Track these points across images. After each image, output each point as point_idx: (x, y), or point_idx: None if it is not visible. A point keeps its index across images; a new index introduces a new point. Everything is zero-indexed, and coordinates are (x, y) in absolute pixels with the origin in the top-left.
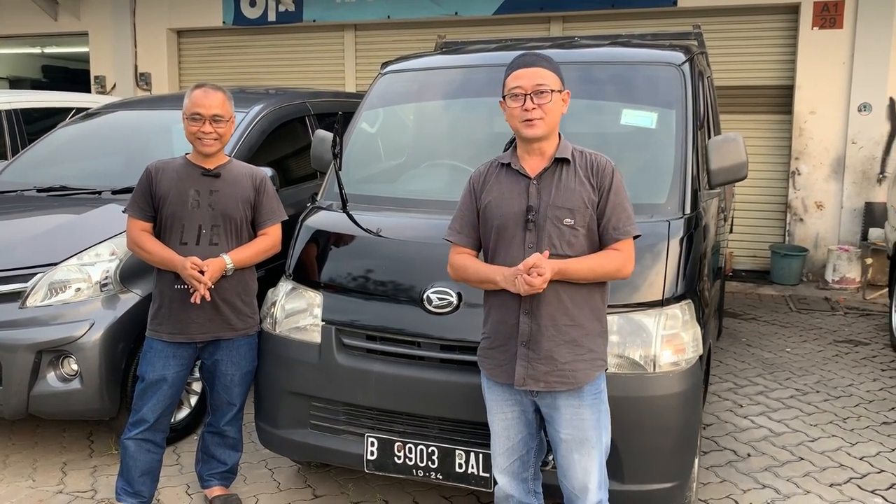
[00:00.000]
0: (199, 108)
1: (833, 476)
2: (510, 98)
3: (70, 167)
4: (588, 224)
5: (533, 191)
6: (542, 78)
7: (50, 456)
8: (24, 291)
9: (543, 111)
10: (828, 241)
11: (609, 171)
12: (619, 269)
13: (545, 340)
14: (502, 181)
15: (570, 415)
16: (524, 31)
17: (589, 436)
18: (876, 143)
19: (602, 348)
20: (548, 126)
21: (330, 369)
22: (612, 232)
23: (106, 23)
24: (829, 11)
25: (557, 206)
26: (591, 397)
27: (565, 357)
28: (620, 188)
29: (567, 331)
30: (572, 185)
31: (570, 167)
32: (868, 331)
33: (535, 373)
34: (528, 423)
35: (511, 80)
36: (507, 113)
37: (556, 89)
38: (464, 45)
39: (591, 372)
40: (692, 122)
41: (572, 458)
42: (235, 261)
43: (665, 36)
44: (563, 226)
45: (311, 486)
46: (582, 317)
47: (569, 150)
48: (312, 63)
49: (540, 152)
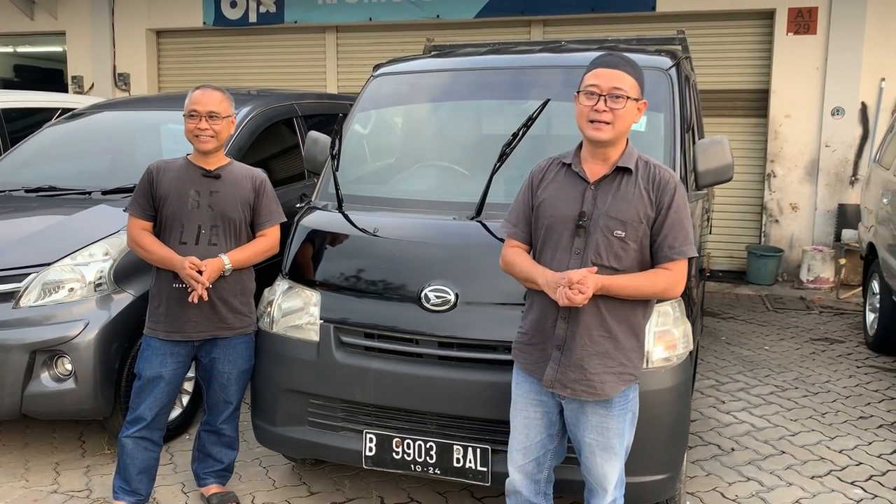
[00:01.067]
0: (196, 104)
1: (814, 469)
2: (584, 95)
3: (58, 167)
4: (640, 239)
5: (589, 196)
6: (621, 82)
7: (42, 456)
8: (18, 291)
9: (614, 115)
10: (802, 241)
11: (672, 187)
12: (666, 289)
13: (577, 348)
14: (560, 181)
15: (596, 422)
16: (505, 35)
17: (613, 443)
18: (849, 146)
19: (635, 363)
20: (615, 132)
21: (328, 367)
22: (667, 250)
23: (84, 22)
24: (803, 17)
25: (611, 216)
26: (619, 408)
27: (595, 368)
28: (682, 205)
29: (601, 342)
30: (630, 196)
31: (632, 178)
32: (842, 329)
33: (563, 378)
34: (550, 424)
35: (590, 76)
36: (578, 110)
37: (633, 97)
38: (453, 48)
39: (618, 385)
40: (680, 125)
41: (594, 461)
42: (234, 261)
43: (650, 41)
44: (612, 237)
45: (306, 484)
46: (618, 330)
47: (633, 159)
48: (294, 64)
49: (603, 157)
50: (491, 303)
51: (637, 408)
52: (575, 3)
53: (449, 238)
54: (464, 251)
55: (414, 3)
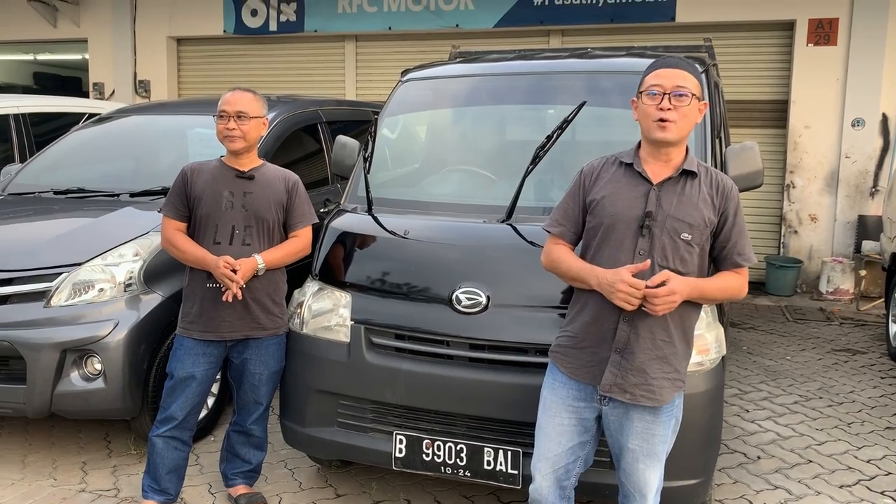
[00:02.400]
0: (225, 105)
1: (842, 478)
2: (646, 95)
3: (85, 170)
4: (703, 244)
5: (653, 197)
6: (683, 80)
7: (69, 456)
8: (49, 291)
9: (679, 114)
10: (822, 253)
11: (735, 194)
12: (739, 291)
13: (641, 352)
14: (619, 180)
15: (642, 428)
16: (524, 44)
17: (657, 450)
18: (869, 157)
19: (685, 369)
20: (680, 131)
21: (359, 368)
22: (736, 257)
23: (106, 30)
24: (823, 28)
25: (678, 218)
26: (666, 414)
27: (656, 373)
28: (742, 213)
29: (662, 346)
30: (695, 200)
31: (695, 181)
32: (864, 340)
33: (623, 383)
34: (584, 430)
35: (651, 77)
36: (640, 111)
37: (696, 95)
38: (479, 54)
39: (672, 392)
40: (710, 131)
41: (636, 467)
42: (267, 261)
43: (677, 48)
44: (679, 239)
45: (332, 486)
46: (677, 335)
47: (695, 163)
48: (313, 73)
49: (667, 159)
50: (522, 305)
51: (680, 414)
52: (594, 13)
53: (480, 240)
54: (495, 253)
55: (433, 12)
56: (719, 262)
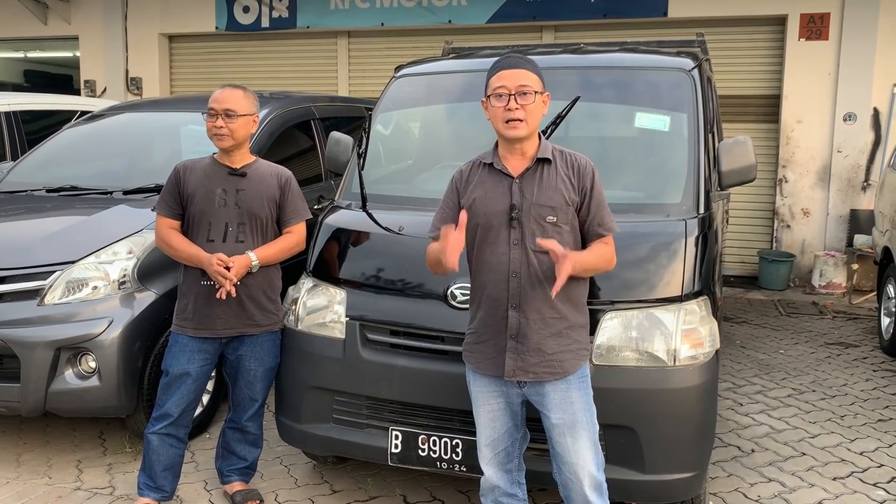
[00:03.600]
0: (214, 102)
1: (835, 470)
2: (494, 98)
3: (78, 168)
4: (570, 221)
5: (516, 189)
6: (525, 79)
7: (63, 454)
8: (43, 289)
9: (526, 112)
10: (814, 247)
11: (590, 171)
12: (611, 259)
13: (533, 333)
14: (486, 180)
15: (559, 399)
16: (517, 40)
17: (579, 418)
18: (861, 151)
19: (585, 338)
20: (529, 127)
21: (354, 364)
22: (597, 228)
23: (97, 27)
24: (815, 23)
25: (540, 204)
26: (578, 381)
27: (552, 348)
28: (600, 187)
29: (553, 323)
30: (554, 183)
31: (552, 166)
32: (857, 334)
33: (524, 364)
34: (514, 414)
35: (495, 80)
36: (490, 113)
37: (538, 91)
38: (472, 50)
39: (576, 361)
40: (703, 126)
41: (565, 443)
42: (261, 258)
43: (670, 43)
44: (545, 223)
45: (328, 482)
46: (566, 310)
47: (549, 150)
48: (305, 69)
49: (521, 152)
50: None
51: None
52: (587, 8)
53: None
54: None
55: (426, 8)
56: (585, 235)
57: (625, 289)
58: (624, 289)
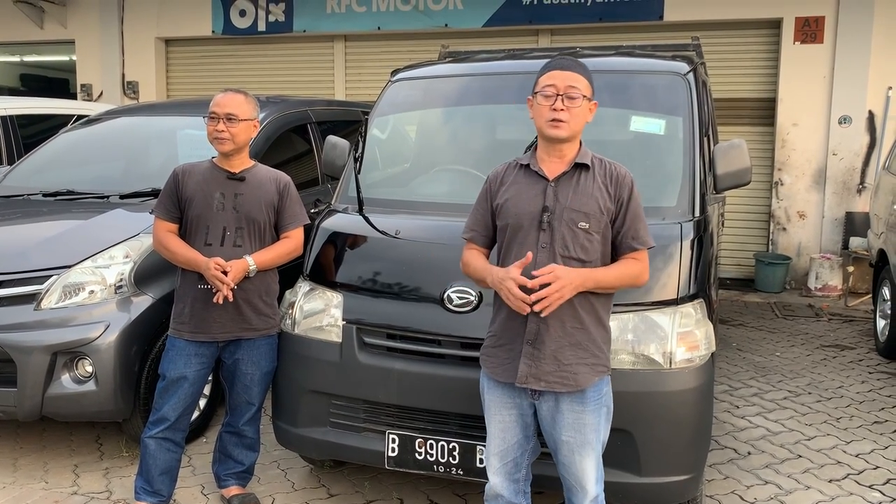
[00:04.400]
0: (215, 106)
1: (831, 472)
2: (541, 96)
3: (75, 172)
4: (603, 231)
5: (550, 192)
6: (575, 81)
7: (60, 458)
8: (39, 294)
9: (571, 114)
10: (810, 249)
11: (628, 182)
12: (638, 276)
13: (551, 340)
14: (520, 181)
15: (573, 419)
16: (513, 44)
17: (589, 439)
18: (856, 154)
19: (605, 354)
20: (572, 130)
21: (351, 367)
22: (630, 241)
23: (93, 31)
24: (810, 27)
25: (574, 209)
26: (594, 403)
27: (569, 359)
28: (638, 199)
29: (573, 333)
30: (590, 190)
31: (589, 173)
32: (852, 336)
33: (537, 371)
34: (526, 426)
35: (545, 78)
36: (535, 111)
37: (586, 96)
38: (469, 54)
39: (591, 377)
40: (698, 129)
41: (573, 459)
42: (258, 262)
43: (665, 47)
44: (577, 229)
45: (325, 486)
46: (588, 321)
47: (588, 156)
48: (302, 73)
49: (560, 155)
50: None
51: (611, 403)
52: (582, 12)
53: None
54: None
55: (422, 12)
56: (617, 247)
57: (621, 291)
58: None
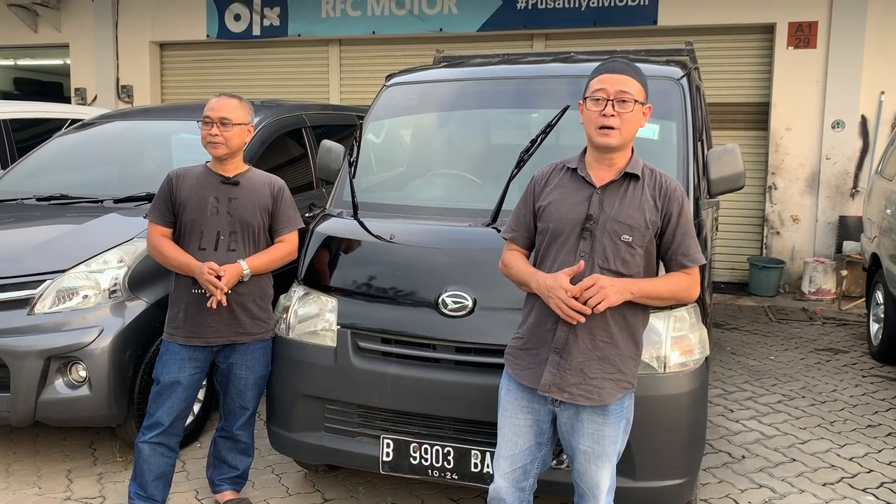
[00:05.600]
0: (209, 110)
1: (825, 476)
2: (591, 101)
3: (69, 176)
4: (646, 245)
5: (595, 200)
6: (627, 86)
7: (53, 464)
8: (33, 298)
9: (622, 120)
10: (804, 253)
11: (679, 196)
12: (687, 289)
13: (578, 352)
14: (565, 185)
15: (593, 430)
16: (507, 48)
17: (607, 451)
18: (849, 158)
19: (632, 371)
20: (623, 137)
21: (346, 372)
22: (681, 259)
23: (88, 35)
24: (803, 31)
25: (618, 220)
26: (615, 416)
27: (595, 373)
28: (688, 215)
29: (603, 347)
30: (637, 202)
31: (638, 184)
32: (846, 339)
33: (561, 382)
34: (540, 432)
35: (595, 82)
36: (584, 116)
37: (639, 100)
38: (463, 58)
39: (616, 392)
40: (692, 134)
41: (588, 468)
42: (252, 267)
43: (659, 52)
44: (619, 241)
45: (319, 491)
46: (620, 336)
47: (640, 166)
48: (297, 77)
49: (610, 163)
50: (508, 308)
51: (632, 415)
52: (577, 16)
53: (465, 244)
54: (480, 257)
55: (417, 16)
56: (666, 262)
57: None
58: None
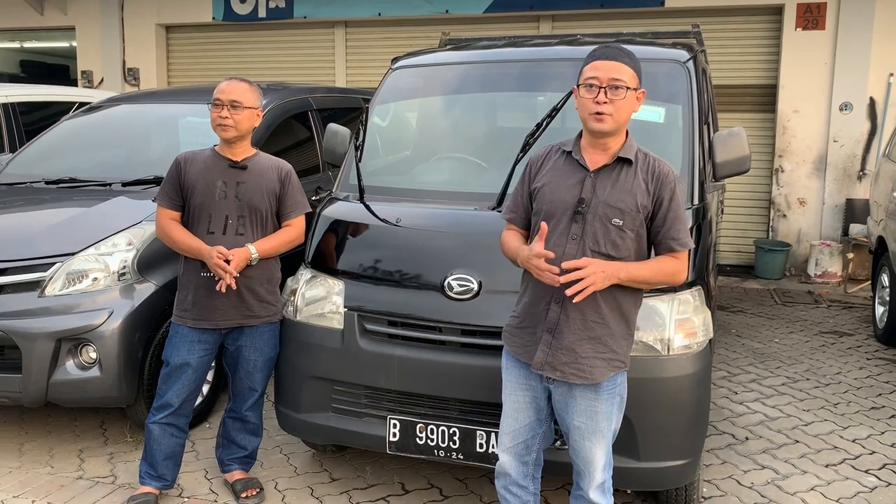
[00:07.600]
0: (220, 93)
1: (828, 457)
2: (584, 88)
3: (77, 160)
4: (637, 229)
5: (588, 184)
6: (619, 73)
7: (65, 444)
8: (43, 281)
9: (614, 107)
10: (810, 236)
11: (671, 181)
12: (674, 273)
13: (570, 332)
14: (560, 168)
15: (585, 406)
16: (514, 30)
17: (601, 427)
18: (857, 141)
19: (625, 350)
20: (616, 122)
21: (353, 354)
22: (670, 242)
23: (93, 17)
24: (811, 13)
25: (609, 204)
26: (608, 392)
27: (586, 352)
28: (680, 199)
29: (594, 327)
30: (629, 186)
31: (631, 168)
32: (851, 322)
33: (553, 361)
34: (539, 409)
35: (588, 69)
36: (578, 102)
37: (631, 87)
38: (469, 41)
39: (607, 371)
40: (698, 117)
41: (583, 444)
42: (260, 251)
43: (665, 34)
44: (610, 225)
45: (327, 471)
46: (611, 317)
47: (633, 150)
48: (302, 59)
49: (604, 147)
50: (513, 291)
51: (625, 392)
52: None
53: (471, 227)
54: (486, 240)
55: None
56: (656, 246)
57: None
58: None
